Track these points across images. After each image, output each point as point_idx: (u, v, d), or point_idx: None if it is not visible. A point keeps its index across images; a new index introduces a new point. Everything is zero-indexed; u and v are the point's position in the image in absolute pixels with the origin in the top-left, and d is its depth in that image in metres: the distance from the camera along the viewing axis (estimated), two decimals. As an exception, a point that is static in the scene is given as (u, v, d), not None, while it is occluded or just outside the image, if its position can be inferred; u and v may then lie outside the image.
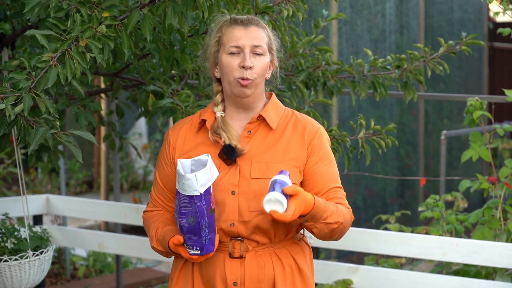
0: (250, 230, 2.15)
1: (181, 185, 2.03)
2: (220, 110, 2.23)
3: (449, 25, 7.35)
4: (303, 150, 2.19)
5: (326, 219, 2.11)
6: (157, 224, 2.24)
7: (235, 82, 2.16)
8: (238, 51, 2.16)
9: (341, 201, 2.22)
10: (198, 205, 2.02)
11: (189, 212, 2.03)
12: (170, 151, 2.26)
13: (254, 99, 2.21)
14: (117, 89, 3.25)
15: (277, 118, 2.23)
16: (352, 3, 5.98)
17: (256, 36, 2.17)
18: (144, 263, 5.96)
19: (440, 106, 7.32)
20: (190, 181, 2.00)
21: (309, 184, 2.21)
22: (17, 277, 2.65)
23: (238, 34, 2.17)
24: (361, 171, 5.81)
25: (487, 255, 3.12)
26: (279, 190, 1.99)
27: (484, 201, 5.35)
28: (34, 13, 2.31)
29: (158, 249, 2.23)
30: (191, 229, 2.05)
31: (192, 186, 2.01)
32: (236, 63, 2.15)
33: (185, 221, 2.05)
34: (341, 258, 5.62)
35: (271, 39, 2.24)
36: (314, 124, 2.25)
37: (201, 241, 2.07)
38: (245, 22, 2.19)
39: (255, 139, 2.20)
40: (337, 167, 2.28)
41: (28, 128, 2.21)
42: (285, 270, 2.18)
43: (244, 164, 2.16)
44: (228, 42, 2.17)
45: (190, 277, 2.22)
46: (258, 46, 2.17)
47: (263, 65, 2.18)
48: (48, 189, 7.15)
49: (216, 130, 2.19)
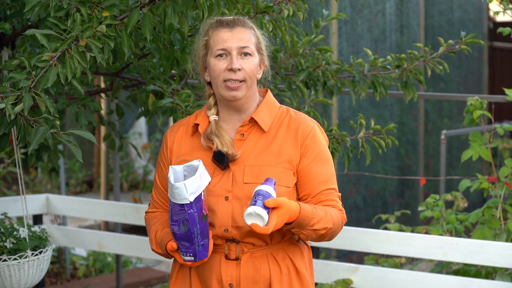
0: (244, 234, 2.14)
1: (171, 193, 2.02)
2: (213, 114, 2.21)
3: (449, 24, 7.35)
4: (296, 151, 2.17)
5: (313, 225, 2.10)
6: (157, 227, 2.24)
7: (223, 85, 2.14)
8: (225, 53, 2.14)
9: (333, 203, 2.19)
10: (189, 212, 2.01)
11: (181, 219, 2.03)
12: (168, 154, 2.25)
13: (246, 101, 2.18)
14: (117, 88, 3.25)
15: (270, 119, 2.20)
16: (352, 3, 5.98)
17: (242, 37, 2.15)
18: (144, 263, 5.96)
19: (440, 105, 7.32)
20: (179, 189, 1.99)
21: (301, 186, 2.19)
22: (16, 277, 2.65)
23: (224, 36, 2.14)
24: (361, 170, 5.81)
25: (487, 255, 3.12)
26: (260, 203, 1.98)
27: (484, 200, 5.35)
28: (34, 13, 2.31)
29: (158, 251, 2.23)
30: (184, 236, 2.05)
31: (181, 195, 2.00)
32: (224, 66, 2.13)
33: (177, 229, 2.05)
34: (341, 258, 5.62)
35: (259, 39, 2.21)
36: (308, 123, 2.21)
37: (193, 248, 2.06)
38: (230, 24, 2.16)
39: (248, 142, 2.18)
40: (333, 166, 2.23)
41: (28, 128, 2.21)
42: (281, 271, 2.18)
43: (236, 168, 2.15)
44: (215, 45, 2.15)
45: (188, 277, 2.23)
46: (245, 47, 2.14)
47: (252, 65, 2.15)
48: (48, 188, 7.15)
49: (209, 136, 2.18)
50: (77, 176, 8.15)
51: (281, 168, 2.15)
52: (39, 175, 7.68)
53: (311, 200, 2.18)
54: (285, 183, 2.14)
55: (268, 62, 2.26)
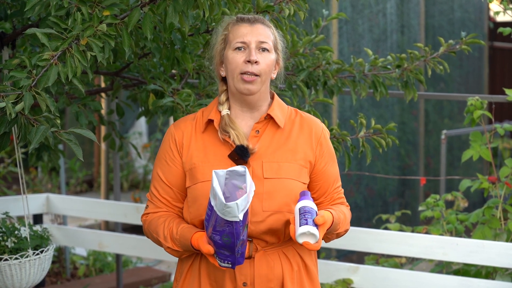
0: (262, 231, 2.13)
1: (220, 209, 1.93)
2: (225, 109, 2.21)
3: (450, 24, 7.35)
4: (311, 151, 2.21)
5: (337, 230, 2.20)
6: (169, 224, 2.18)
7: (239, 78, 2.15)
8: (243, 46, 2.16)
9: (342, 200, 2.30)
10: (236, 228, 1.95)
11: (225, 231, 1.96)
12: (178, 149, 2.22)
13: (260, 97, 2.20)
14: (117, 88, 3.25)
15: (283, 117, 2.23)
16: (353, 3, 5.98)
17: (261, 33, 2.17)
18: (144, 263, 5.96)
19: (440, 105, 7.32)
20: (231, 209, 1.92)
21: (316, 185, 2.23)
22: (18, 276, 2.65)
23: (244, 30, 2.17)
24: (361, 170, 5.81)
25: (487, 255, 3.12)
26: (311, 222, 2.01)
27: (485, 200, 5.35)
28: (34, 12, 2.31)
29: (174, 249, 2.17)
30: (225, 246, 1.99)
31: (232, 213, 1.92)
32: (242, 59, 2.15)
33: (219, 238, 1.99)
34: (341, 258, 5.62)
35: (276, 39, 2.24)
36: (319, 124, 2.27)
37: (233, 256, 2.01)
38: (251, 20, 2.19)
39: (264, 139, 2.19)
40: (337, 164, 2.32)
41: (28, 127, 2.21)
42: (293, 268, 2.19)
43: (255, 164, 2.15)
44: (234, 39, 2.17)
45: (197, 277, 2.19)
46: (264, 42, 2.17)
47: (269, 61, 2.17)
48: (48, 188, 7.16)
49: (225, 128, 2.17)
50: (77, 176, 8.15)
51: (298, 165, 2.18)
52: (39, 174, 7.68)
53: (325, 199, 2.26)
54: (302, 180, 2.18)
55: (283, 64, 2.29)
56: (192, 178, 2.18)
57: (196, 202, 2.15)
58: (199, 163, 2.17)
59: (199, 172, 2.16)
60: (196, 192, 2.16)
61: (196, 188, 2.16)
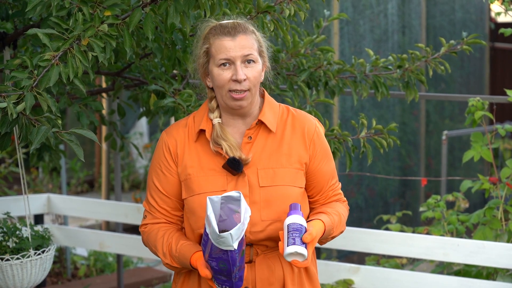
0: (262, 239, 2.12)
1: (215, 238, 1.92)
2: (216, 117, 2.16)
3: (451, 25, 7.35)
4: (306, 151, 2.17)
5: (331, 235, 2.19)
6: (168, 240, 2.15)
7: (228, 95, 2.09)
8: (228, 62, 2.08)
9: (339, 197, 2.28)
10: (231, 256, 1.94)
11: (221, 258, 1.95)
12: (173, 158, 2.17)
13: (251, 107, 2.15)
14: (118, 88, 3.25)
15: (274, 119, 2.18)
16: (354, 3, 5.98)
17: (245, 45, 2.09)
18: (145, 263, 5.96)
19: (441, 106, 7.32)
20: (225, 239, 1.90)
21: (311, 184, 2.21)
22: (19, 276, 2.65)
23: (227, 45, 2.08)
24: (362, 171, 5.81)
25: (488, 256, 3.12)
26: (299, 241, 1.99)
27: (486, 201, 5.34)
28: (36, 12, 2.31)
29: (173, 265, 2.15)
30: (222, 271, 1.98)
31: (226, 243, 1.91)
32: (228, 76, 2.08)
33: (215, 264, 1.97)
34: (342, 258, 5.61)
35: (260, 42, 2.16)
36: (311, 122, 2.21)
37: (231, 281, 2.00)
38: (232, 32, 2.09)
39: (257, 145, 2.15)
40: (333, 159, 2.30)
41: (30, 127, 2.21)
42: (293, 270, 2.17)
43: (249, 172, 2.12)
44: (217, 54, 2.09)
45: (197, 281, 2.17)
46: (249, 54, 2.09)
47: (256, 72, 2.11)
48: (49, 188, 7.16)
49: (216, 140, 2.12)
50: (78, 176, 8.15)
51: (294, 169, 2.14)
52: (40, 175, 7.68)
53: (321, 197, 2.23)
54: (298, 184, 2.15)
55: (269, 63, 2.22)
56: (188, 189, 2.15)
57: (195, 214, 2.13)
58: (194, 173, 2.14)
59: (194, 183, 2.13)
60: (193, 205, 2.13)
61: (193, 200, 2.13)
